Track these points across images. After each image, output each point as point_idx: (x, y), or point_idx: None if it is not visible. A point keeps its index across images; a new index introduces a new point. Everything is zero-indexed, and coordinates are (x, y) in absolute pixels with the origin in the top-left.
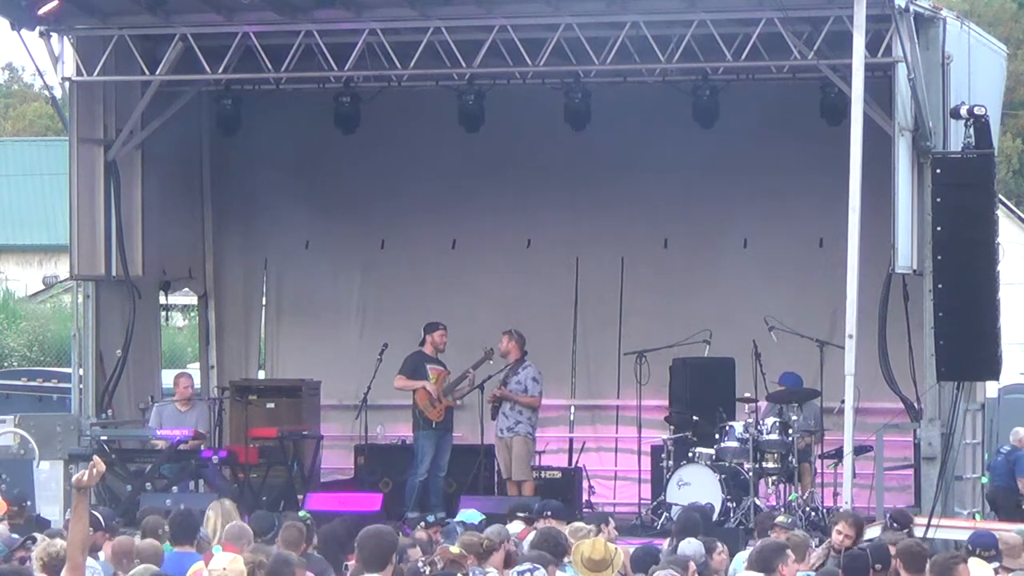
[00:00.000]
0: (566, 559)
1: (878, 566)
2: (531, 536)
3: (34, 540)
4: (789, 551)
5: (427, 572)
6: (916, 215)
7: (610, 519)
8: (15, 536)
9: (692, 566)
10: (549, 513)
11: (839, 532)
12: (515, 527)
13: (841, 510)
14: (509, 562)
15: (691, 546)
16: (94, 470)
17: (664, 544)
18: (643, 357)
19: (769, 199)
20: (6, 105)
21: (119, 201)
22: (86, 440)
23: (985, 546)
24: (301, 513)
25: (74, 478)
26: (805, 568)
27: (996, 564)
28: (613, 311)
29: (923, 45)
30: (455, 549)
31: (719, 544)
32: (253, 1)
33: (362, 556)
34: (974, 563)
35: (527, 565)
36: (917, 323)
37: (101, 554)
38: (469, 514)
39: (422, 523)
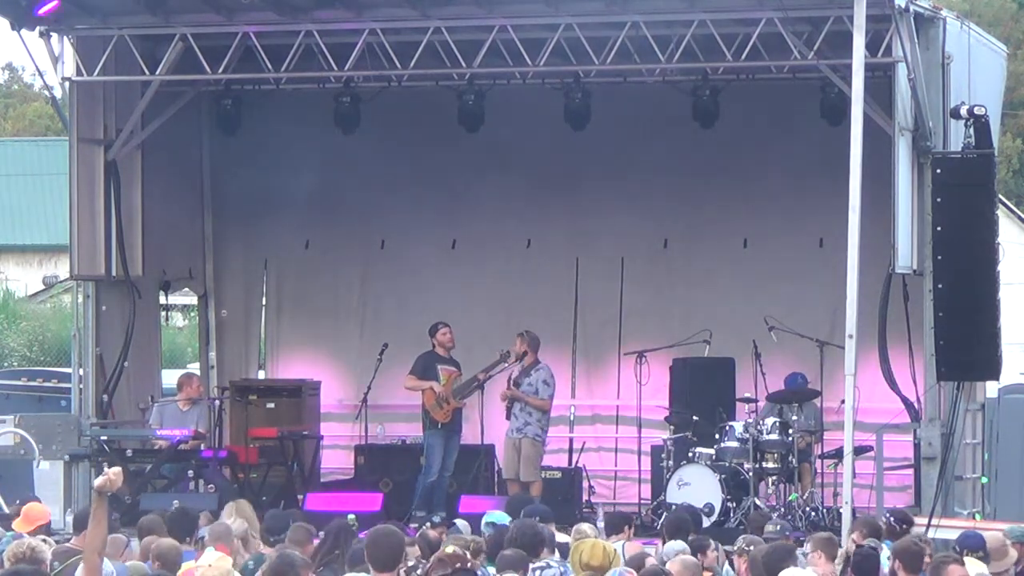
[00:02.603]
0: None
1: None
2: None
3: None
4: (797, 554)
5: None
6: (916, 215)
7: (632, 520)
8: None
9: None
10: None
11: (854, 542)
12: None
13: (858, 517)
14: None
15: (676, 546)
16: (115, 477)
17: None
18: (643, 357)
19: (769, 199)
20: (6, 105)
21: (119, 201)
22: (86, 440)
23: (973, 547)
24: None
25: (96, 482)
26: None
27: (986, 564)
28: (613, 311)
29: (923, 45)
30: (449, 549)
31: (711, 542)
32: (253, 1)
33: (372, 556)
34: (969, 562)
35: (542, 562)
36: (917, 323)
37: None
38: (496, 515)
39: (428, 523)
